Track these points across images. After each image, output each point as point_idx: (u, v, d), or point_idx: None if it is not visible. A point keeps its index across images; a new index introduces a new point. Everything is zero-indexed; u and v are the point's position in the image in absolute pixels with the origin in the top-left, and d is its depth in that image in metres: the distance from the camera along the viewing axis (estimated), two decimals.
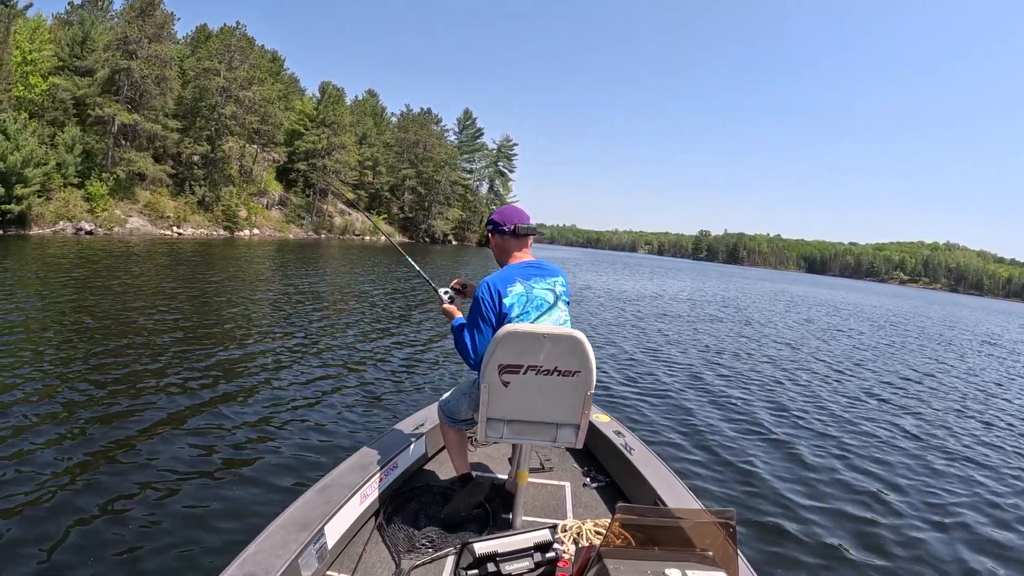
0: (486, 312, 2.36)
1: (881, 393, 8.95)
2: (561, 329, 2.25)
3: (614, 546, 1.64)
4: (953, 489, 5.08)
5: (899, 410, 7.92)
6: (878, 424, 6.99)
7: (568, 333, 2.21)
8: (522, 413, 2.32)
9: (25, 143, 23.56)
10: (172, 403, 5.13)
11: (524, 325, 2.25)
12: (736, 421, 6.40)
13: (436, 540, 2.42)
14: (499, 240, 2.53)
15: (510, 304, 2.35)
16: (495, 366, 2.21)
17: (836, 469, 5.23)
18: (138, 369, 6.04)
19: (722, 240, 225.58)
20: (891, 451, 5.96)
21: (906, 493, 4.84)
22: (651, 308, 18.29)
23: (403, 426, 3.21)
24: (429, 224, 61.95)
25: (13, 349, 6.30)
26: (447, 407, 2.70)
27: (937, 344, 17.61)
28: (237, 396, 5.52)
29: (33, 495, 3.38)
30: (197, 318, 9.02)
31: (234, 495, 3.62)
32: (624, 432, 3.33)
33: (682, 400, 7.06)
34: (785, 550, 3.65)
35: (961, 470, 5.63)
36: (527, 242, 2.54)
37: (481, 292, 2.38)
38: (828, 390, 8.70)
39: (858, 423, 6.91)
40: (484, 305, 2.36)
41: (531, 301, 2.39)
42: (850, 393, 8.65)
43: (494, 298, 2.36)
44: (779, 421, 6.61)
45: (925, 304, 51.01)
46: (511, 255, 2.52)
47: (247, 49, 40.47)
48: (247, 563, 1.88)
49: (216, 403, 5.25)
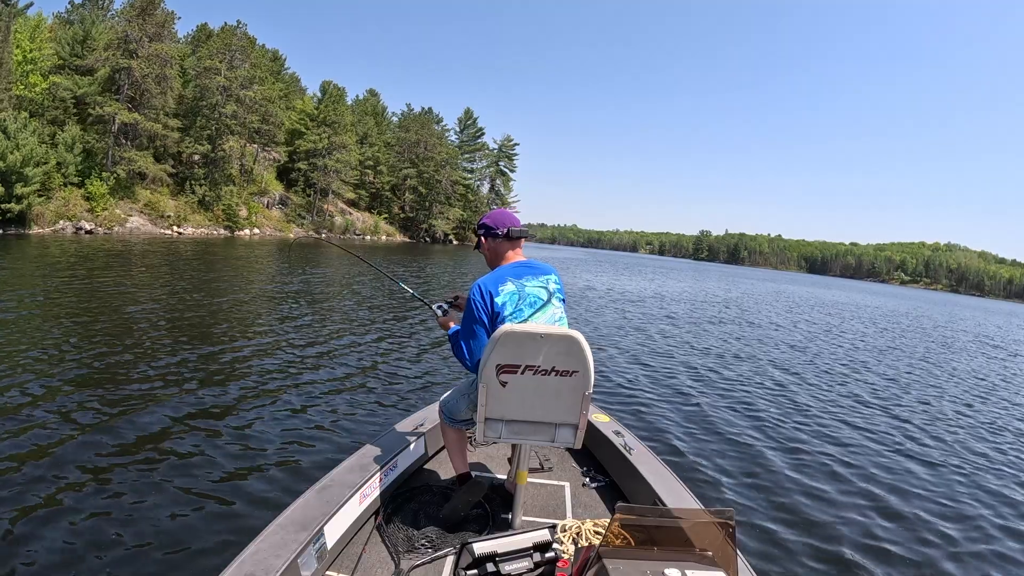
0: (478, 314, 2.37)
1: (884, 395, 8.91)
2: (559, 329, 2.26)
3: (613, 546, 1.64)
4: (956, 491, 5.05)
5: (902, 412, 7.88)
6: (879, 425, 6.96)
7: (565, 333, 2.21)
8: (520, 413, 2.32)
9: (25, 142, 23.53)
10: (170, 403, 5.11)
11: (521, 325, 2.26)
12: (736, 421, 6.39)
13: (435, 540, 2.42)
14: (492, 244, 2.55)
15: (502, 303, 2.36)
16: (493, 366, 2.21)
17: (836, 469, 5.21)
18: (136, 369, 6.01)
19: (723, 240, 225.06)
20: (892, 453, 5.92)
21: (907, 495, 4.82)
22: (652, 309, 18.24)
23: (403, 426, 3.20)
24: (430, 224, 61.93)
25: (9, 350, 6.26)
26: (447, 407, 2.71)
27: (941, 346, 17.54)
28: (236, 395, 5.50)
29: (31, 495, 3.36)
30: (196, 318, 8.99)
31: (233, 495, 3.61)
32: (623, 432, 3.33)
33: (682, 400, 7.06)
34: (784, 550, 3.65)
35: (964, 472, 5.59)
36: (519, 244, 2.58)
37: (473, 294, 2.41)
38: (829, 390, 8.68)
39: (859, 424, 6.89)
40: (476, 307, 2.38)
41: (524, 299, 2.40)
42: (852, 394, 8.60)
43: (485, 298, 2.38)
44: (779, 421, 6.59)
45: (927, 305, 50.89)
46: (504, 258, 2.54)
47: (248, 48, 40.45)
48: (247, 563, 1.88)
49: (215, 403, 5.24)
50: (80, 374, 5.64)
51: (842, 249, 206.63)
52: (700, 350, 11.08)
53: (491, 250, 2.57)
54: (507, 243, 2.54)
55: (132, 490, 3.54)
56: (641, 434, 4.34)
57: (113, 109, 30.54)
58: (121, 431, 4.38)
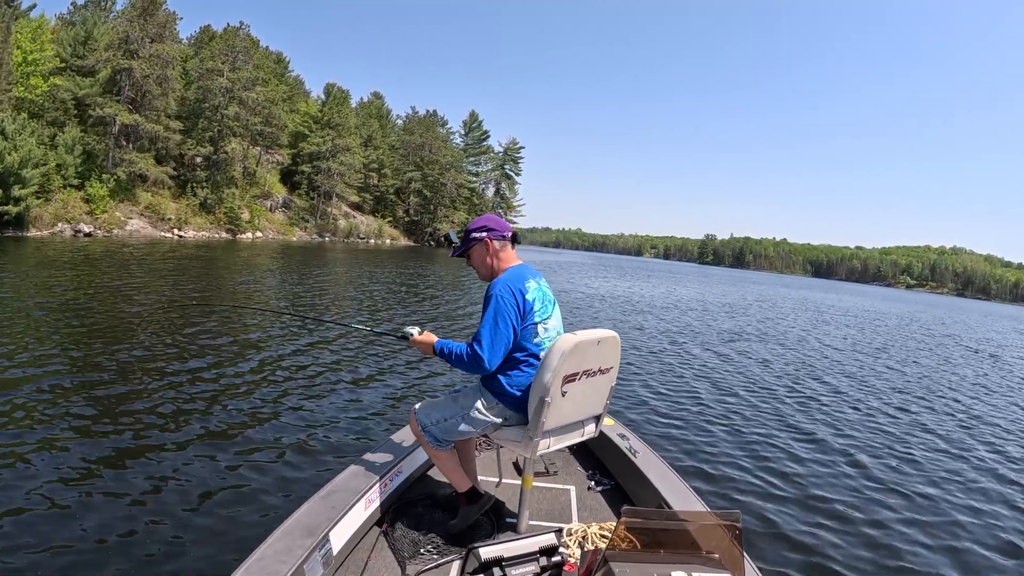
0: (508, 309, 2.33)
1: (895, 398, 8.74)
2: (605, 332, 2.40)
3: (620, 549, 1.64)
4: (968, 495, 4.98)
5: (912, 414, 7.72)
6: (888, 428, 6.85)
7: (612, 334, 2.40)
8: (568, 418, 2.40)
9: (24, 143, 23.20)
10: (172, 408, 5.01)
11: (582, 333, 2.29)
12: (741, 423, 6.32)
13: (441, 546, 2.42)
14: (497, 246, 2.53)
15: (531, 300, 2.39)
16: (560, 377, 2.22)
17: (844, 472, 5.15)
18: (136, 374, 5.85)
19: (728, 244, 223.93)
20: (903, 458, 5.79)
21: (917, 500, 4.73)
22: (653, 309, 17.92)
23: (407, 431, 3.09)
24: (434, 227, 61.49)
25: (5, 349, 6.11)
26: (435, 432, 2.51)
27: (950, 350, 17.03)
28: (239, 401, 5.40)
29: (29, 499, 3.31)
30: (196, 321, 8.72)
31: (238, 501, 3.57)
32: (629, 435, 3.30)
33: (686, 403, 7.00)
34: (791, 552, 3.62)
35: (978, 477, 5.47)
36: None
37: (501, 291, 2.36)
38: (836, 394, 8.54)
39: (867, 426, 6.81)
40: (506, 303, 2.34)
41: (546, 297, 2.48)
42: (860, 398, 8.47)
43: (516, 296, 2.36)
44: (785, 422, 6.53)
45: (930, 308, 50.37)
46: (510, 259, 2.54)
47: (251, 49, 40.17)
48: (252, 569, 1.86)
49: (218, 408, 5.14)
50: (75, 379, 5.46)
51: (848, 253, 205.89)
52: (703, 352, 10.99)
53: (495, 252, 2.53)
54: (510, 245, 2.57)
55: (133, 496, 3.47)
56: (646, 437, 4.22)
57: (114, 110, 30.18)
58: (121, 436, 4.30)
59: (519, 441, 2.38)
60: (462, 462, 2.65)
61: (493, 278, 2.47)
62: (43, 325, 7.65)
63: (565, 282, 27.63)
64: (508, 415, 2.43)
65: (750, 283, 58.47)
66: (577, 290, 23.74)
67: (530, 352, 2.40)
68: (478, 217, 2.66)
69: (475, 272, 2.61)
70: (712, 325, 15.94)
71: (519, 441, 2.38)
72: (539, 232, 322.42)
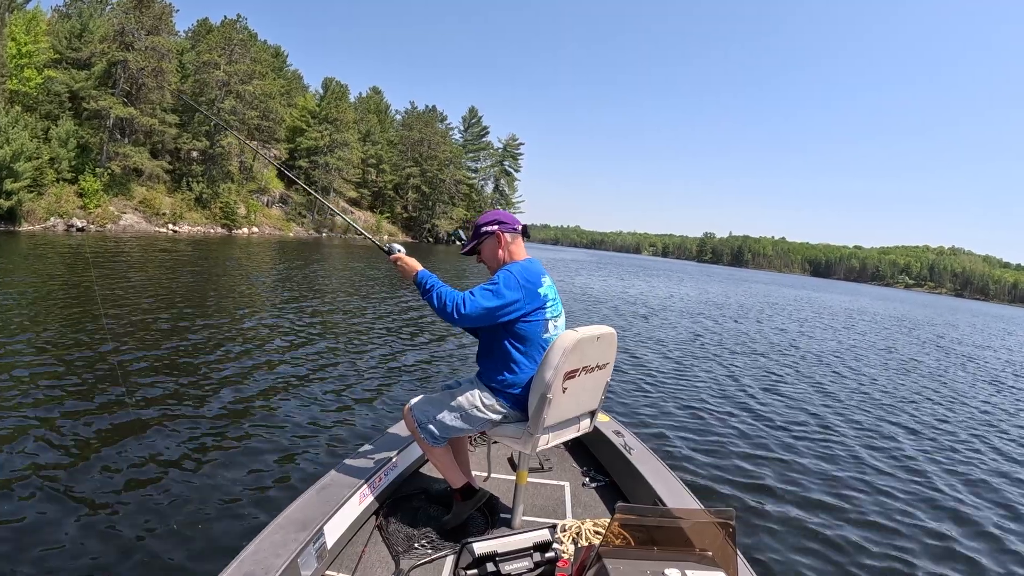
0: (522, 286, 2.30)
1: (888, 396, 8.75)
2: (604, 328, 2.40)
3: (613, 546, 1.64)
4: (960, 491, 5.00)
5: (905, 413, 7.72)
6: (883, 426, 6.86)
7: (610, 330, 2.42)
8: (566, 414, 2.41)
9: (16, 136, 22.85)
10: (167, 401, 4.94)
11: (583, 330, 2.27)
12: (736, 421, 6.31)
13: (435, 540, 2.42)
14: (509, 238, 2.50)
15: (544, 294, 2.38)
16: (562, 374, 2.22)
17: (837, 469, 5.16)
18: (130, 368, 5.77)
19: (727, 243, 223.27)
20: (898, 456, 5.78)
21: (910, 496, 4.74)
22: (654, 310, 17.75)
23: (402, 425, 3.06)
24: (433, 224, 61.17)
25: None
26: (431, 429, 2.44)
27: (940, 349, 16.89)
28: (234, 394, 5.34)
29: (24, 494, 3.28)
30: (192, 316, 8.60)
31: (232, 494, 3.55)
32: (623, 432, 3.29)
33: (682, 400, 6.98)
34: (784, 550, 3.61)
35: (970, 474, 5.49)
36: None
37: (519, 270, 2.35)
38: (830, 391, 8.56)
39: (863, 424, 6.82)
40: (519, 280, 2.30)
41: (556, 295, 2.49)
42: (855, 395, 8.49)
43: (532, 282, 2.35)
44: (779, 421, 6.53)
45: (931, 308, 50.28)
46: (520, 253, 2.51)
47: (248, 43, 39.76)
48: (246, 562, 1.85)
49: (212, 401, 5.08)
50: (72, 380, 5.30)
51: (846, 252, 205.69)
52: (700, 349, 10.99)
53: (506, 245, 2.49)
54: (521, 239, 2.54)
55: (126, 490, 3.45)
56: (641, 434, 4.22)
57: (108, 103, 29.78)
58: (114, 429, 4.25)
59: (518, 438, 2.37)
60: (456, 458, 2.62)
61: None
62: (44, 320, 7.39)
63: (565, 280, 27.42)
64: (506, 412, 2.41)
65: (749, 282, 58.36)
66: (575, 287, 23.55)
67: (539, 347, 2.37)
68: (485, 213, 2.61)
69: (485, 267, 2.54)
70: (711, 324, 15.81)
71: (518, 438, 2.37)
72: (537, 229, 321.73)
